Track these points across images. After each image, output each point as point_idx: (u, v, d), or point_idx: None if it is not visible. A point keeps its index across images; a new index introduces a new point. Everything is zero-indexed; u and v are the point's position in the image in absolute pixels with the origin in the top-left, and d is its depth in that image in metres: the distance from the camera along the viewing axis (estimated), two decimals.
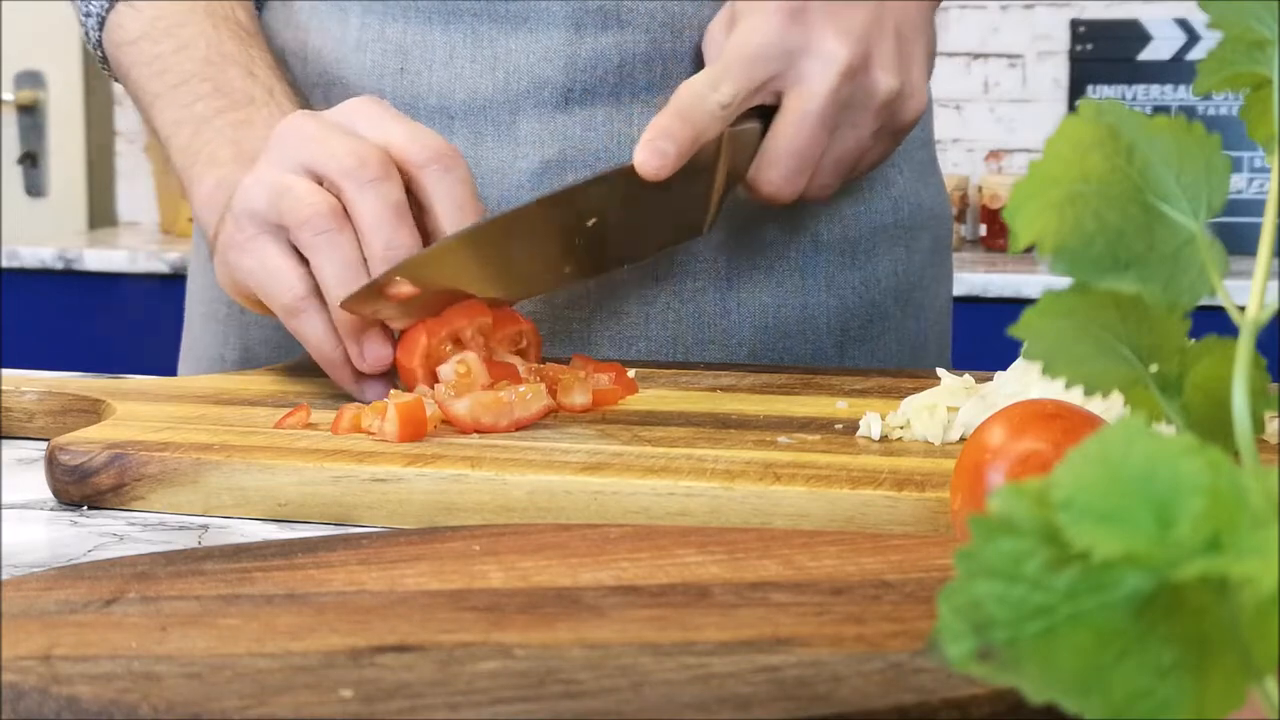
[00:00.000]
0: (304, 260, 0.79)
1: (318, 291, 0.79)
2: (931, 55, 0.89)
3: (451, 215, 0.78)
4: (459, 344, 0.79)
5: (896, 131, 0.87)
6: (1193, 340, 0.39)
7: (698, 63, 0.92)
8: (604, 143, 0.92)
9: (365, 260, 0.77)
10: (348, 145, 0.78)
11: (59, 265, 2.80)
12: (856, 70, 0.83)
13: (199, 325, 1.08)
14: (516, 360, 0.80)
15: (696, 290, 0.94)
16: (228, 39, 0.93)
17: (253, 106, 0.90)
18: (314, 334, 0.79)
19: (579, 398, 0.78)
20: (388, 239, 0.76)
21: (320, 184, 0.78)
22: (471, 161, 0.93)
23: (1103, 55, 2.93)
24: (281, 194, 0.78)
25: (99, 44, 0.98)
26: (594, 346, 0.95)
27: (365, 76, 0.95)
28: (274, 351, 1.00)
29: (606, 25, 0.91)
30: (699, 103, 0.80)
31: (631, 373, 0.84)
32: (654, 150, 0.78)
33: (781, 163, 0.83)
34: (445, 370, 0.77)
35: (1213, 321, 0.41)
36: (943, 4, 3.17)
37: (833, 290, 0.97)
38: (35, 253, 2.82)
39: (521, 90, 0.92)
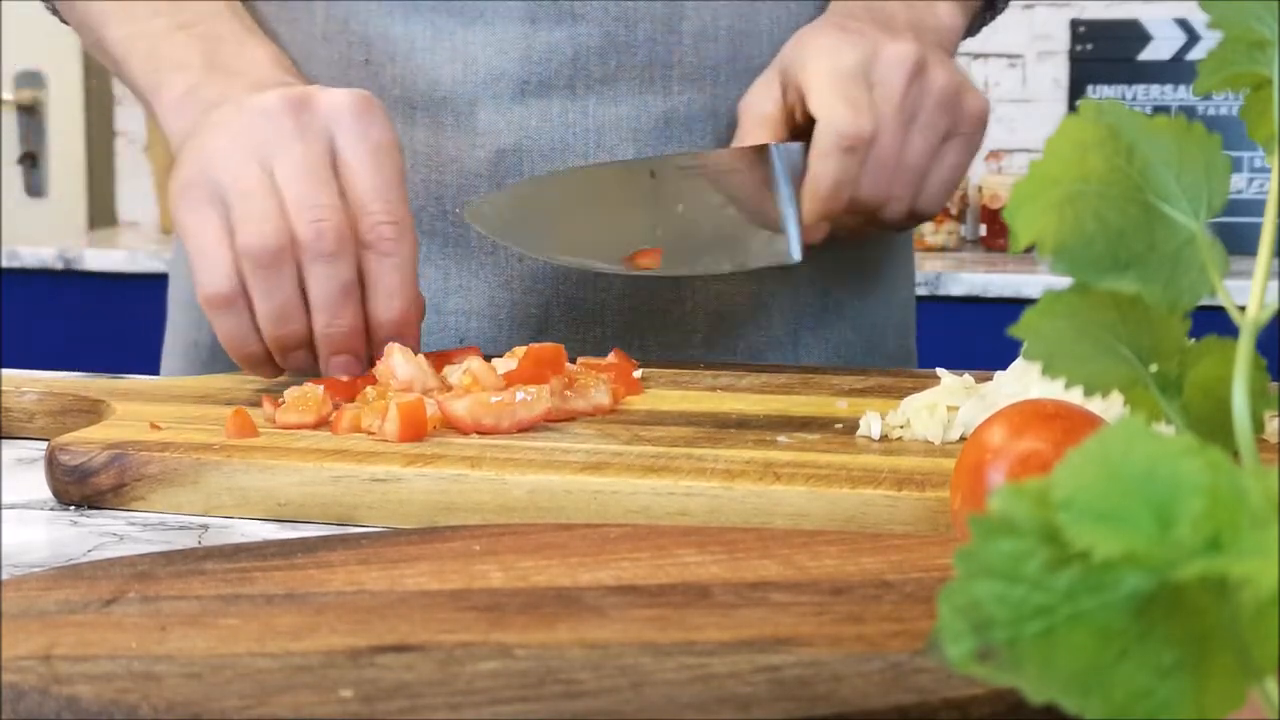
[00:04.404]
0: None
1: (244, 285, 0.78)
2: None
3: (380, 302, 0.79)
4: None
5: (967, 131, 0.90)
6: (1193, 340, 0.39)
7: (651, 56, 0.94)
8: (559, 133, 0.94)
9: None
10: (310, 204, 0.77)
11: (59, 265, 2.80)
12: (920, 67, 0.87)
13: (177, 313, 1.08)
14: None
15: (651, 279, 0.95)
16: None
17: (218, 19, 0.90)
18: (237, 330, 0.79)
19: (600, 398, 0.78)
20: (329, 319, 0.78)
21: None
22: (432, 150, 0.95)
23: (1103, 55, 2.93)
24: (239, 194, 0.78)
25: None
26: (548, 333, 0.95)
27: (333, 67, 0.95)
28: None
29: (560, 19, 0.93)
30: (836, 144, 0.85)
31: (638, 373, 0.84)
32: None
33: (877, 167, 0.87)
34: (452, 376, 0.77)
35: (1213, 321, 0.41)
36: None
37: (786, 279, 0.98)
38: (35, 253, 2.82)
39: (479, 82, 0.93)
